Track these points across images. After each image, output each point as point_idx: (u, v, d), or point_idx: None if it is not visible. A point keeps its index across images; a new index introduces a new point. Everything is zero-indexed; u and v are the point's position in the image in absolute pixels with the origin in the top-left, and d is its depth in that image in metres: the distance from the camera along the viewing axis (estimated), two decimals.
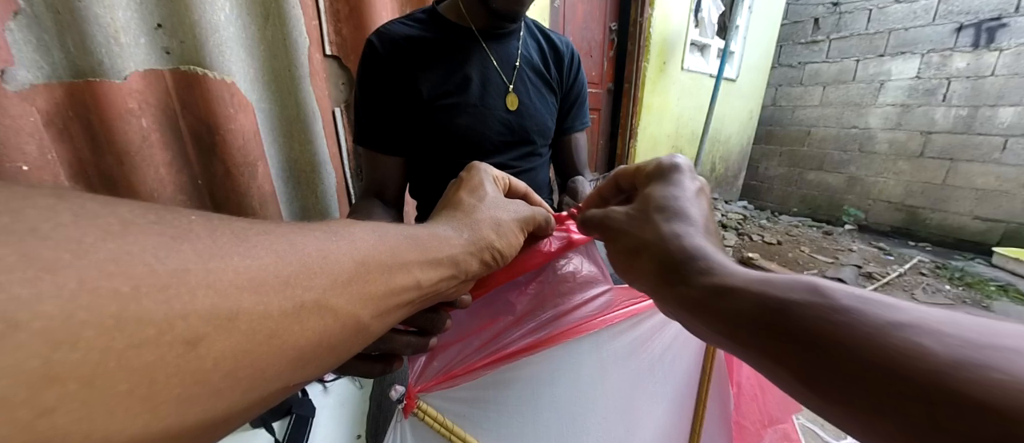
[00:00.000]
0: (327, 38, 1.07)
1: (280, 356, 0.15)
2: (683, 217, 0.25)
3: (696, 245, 0.23)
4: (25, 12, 0.71)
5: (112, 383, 0.10)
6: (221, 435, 0.14)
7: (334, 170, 1.16)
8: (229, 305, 0.13)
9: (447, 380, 0.34)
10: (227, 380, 0.13)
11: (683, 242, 0.23)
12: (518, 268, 0.33)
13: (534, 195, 0.34)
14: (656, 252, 0.24)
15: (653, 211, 0.26)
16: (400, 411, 0.34)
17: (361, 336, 0.19)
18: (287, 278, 0.15)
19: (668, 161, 0.28)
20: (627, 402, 0.44)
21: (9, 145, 0.70)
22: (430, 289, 0.22)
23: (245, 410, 0.14)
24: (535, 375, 0.38)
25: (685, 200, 0.26)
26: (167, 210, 0.13)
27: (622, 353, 0.42)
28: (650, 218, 0.25)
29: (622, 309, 0.41)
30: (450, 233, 0.24)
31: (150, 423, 0.11)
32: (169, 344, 0.11)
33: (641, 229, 0.25)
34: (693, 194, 0.26)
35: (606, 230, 0.29)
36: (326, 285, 0.16)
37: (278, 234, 0.16)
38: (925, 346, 0.14)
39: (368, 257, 0.19)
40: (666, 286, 0.23)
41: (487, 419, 0.36)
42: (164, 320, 0.11)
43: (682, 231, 0.24)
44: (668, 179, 0.27)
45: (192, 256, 0.12)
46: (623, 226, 0.27)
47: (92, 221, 0.11)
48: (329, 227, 0.18)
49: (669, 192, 0.26)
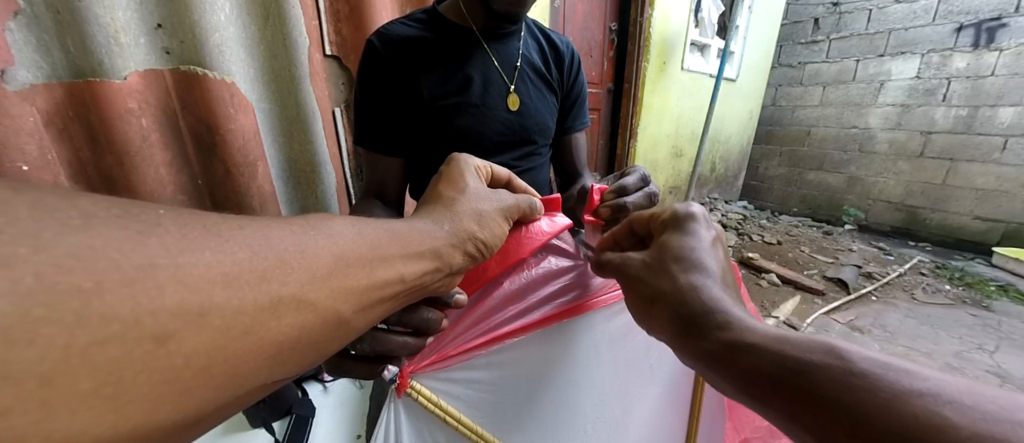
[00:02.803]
0: (327, 38, 1.07)
1: (256, 352, 0.14)
2: (700, 268, 0.25)
3: (714, 298, 0.23)
4: (25, 12, 0.71)
5: (73, 382, 0.10)
6: (197, 434, 0.14)
7: (334, 170, 1.16)
8: (200, 300, 0.12)
9: (440, 361, 0.34)
10: (199, 377, 0.13)
11: (701, 294, 0.24)
12: (510, 257, 0.33)
13: (517, 181, 0.34)
14: (673, 303, 0.24)
15: (670, 261, 0.26)
16: (393, 391, 0.34)
17: (342, 331, 0.18)
18: (262, 272, 0.15)
19: (683, 210, 0.28)
20: (623, 383, 0.44)
21: (9, 145, 0.70)
22: (414, 283, 0.22)
23: (221, 408, 0.14)
24: (528, 356, 0.38)
25: (702, 251, 0.26)
26: (133, 204, 0.13)
27: (616, 334, 0.42)
28: (667, 268, 0.26)
29: (615, 290, 0.41)
30: (430, 226, 0.24)
31: (117, 423, 0.11)
32: (136, 340, 0.11)
33: (658, 279, 0.26)
34: (709, 244, 0.27)
35: (623, 277, 0.29)
36: (304, 280, 0.16)
37: (253, 228, 0.15)
38: (945, 417, 0.14)
39: (347, 251, 0.18)
40: (683, 337, 0.24)
41: (481, 400, 0.36)
42: (130, 316, 0.11)
43: (699, 283, 0.24)
44: (684, 228, 0.27)
45: (160, 250, 0.12)
46: (640, 274, 0.27)
47: (50, 214, 0.11)
48: (306, 221, 0.18)
49: (685, 242, 0.26)
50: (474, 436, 0.35)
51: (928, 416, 0.14)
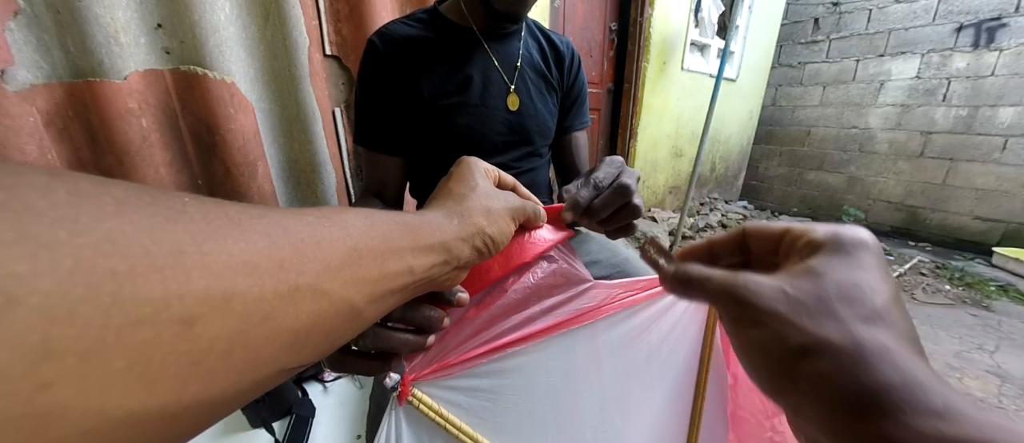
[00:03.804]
0: (327, 38, 1.07)
1: (275, 338, 0.15)
2: (889, 322, 0.17)
3: (918, 370, 0.15)
4: (25, 12, 0.71)
5: (109, 359, 0.10)
6: (217, 417, 0.14)
7: (334, 170, 1.16)
8: (224, 286, 0.13)
9: (442, 369, 0.35)
10: (223, 361, 0.13)
11: (897, 361, 0.15)
12: (512, 261, 0.33)
13: (522, 188, 0.34)
14: (850, 366, 0.16)
15: (838, 300, 0.17)
16: (394, 399, 0.34)
17: (355, 321, 0.19)
18: (281, 261, 0.15)
19: (853, 232, 0.19)
20: (624, 392, 0.44)
21: (9, 145, 0.70)
22: (423, 275, 0.22)
23: (241, 392, 0.14)
24: (530, 365, 0.38)
25: (888, 297, 0.18)
26: (161, 192, 0.13)
27: (618, 344, 0.42)
28: (834, 311, 0.17)
29: (616, 301, 0.41)
30: (441, 219, 0.25)
31: (146, 401, 0.11)
32: (165, 323, 0.11)
33: (818, 323, 0.17)
34: (894, 289, 0.18)
35: (740, 306, 0.19)
36: (319, 269, 0.16)
37: (271, 219, 0.16)
38: None
39: (360, 242, 0.19)
40: (860, 421, 0.15)
41: (482, 408, 0.37)
42: (160, 299, 0.11)
43: (892, 344, 0.16)
44: (855, 259, 0.18)
45: (187, 238, 0.13)
46: (780, 310, 0.18)
47: (87, 200, 0.11)
48: (321, 213, 0.19)
49: (863, 278, 0.18)
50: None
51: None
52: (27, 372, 0.09)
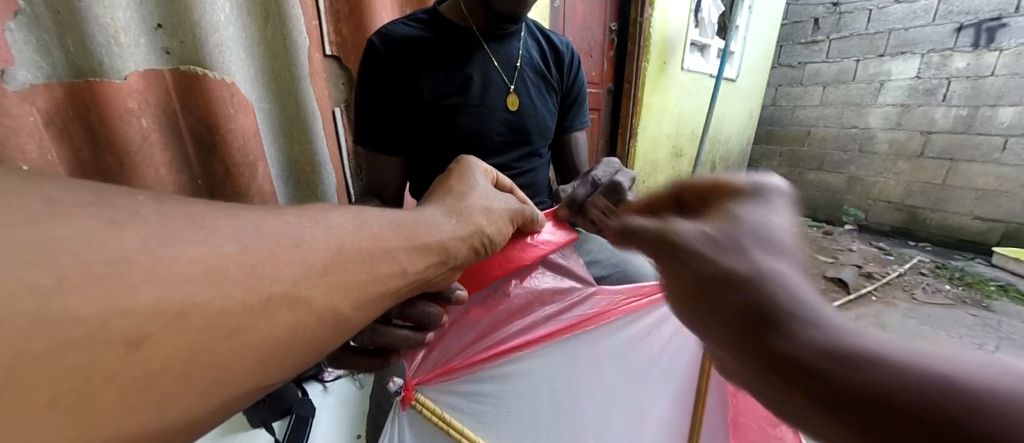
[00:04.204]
0: (327, 38, 1.07)
1: (244, 355, 0.13)
2: (788, 254, 0.19)
3: (806, 291, 0.18)
4: (25, 12, 0.71)
5: (28, 392, 0.09)
6: (190, 439, 0.13)
7: (334, 170, 1.16)
8: (179, 299, 0.11)
9: (445, 374, 0.35)
10: (179, 383, 0.11)
11: (790, 284, 0.18)
12: (508, 264, 0.33)
13: (520, 192, 0.34)
14: (749, 291, 0.18)
15: (745, 236, 0.20)
16: (398, 404, 0.34)
17: (340, 329, 0.17)
18: (252, 268, 0.13)
19: (768, 180, 0.22)
20: (626, 399, 0.44)
21: (9, 145, 0.70)
22: (417, 277, 0.21)
23: (211, 413, 0.13)
24: (531, 370, 0.38)
25: (789, 233, 0.20)
26: (110, 190, 0.12)
27: (619, 350, 0.42)
28: (741, 245, 0.19)
29: (617, 307, 0.41)
30: (439, 218, 0.24)
31: (81, 436, 0.10)
32: (104, 345, 0.10)
33: (727, 256, 0.19)
34: (796, 228, 0.21)
35: (666, 249, 0.21)
36: (298, 276, 0.15)
37: (243, 219, 0.14)
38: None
39: (346, 244, 0.17)
40: (755, 336, 0.17)
41: (484, 413, 0.37)
42: (96, 318, 0.10)
43: (789, 272, 0.18)
44: (769, 202, 0.21)
45: (136, 243, 0.11)
46: (698, 248, 0.20)
47: (7, 199, 0.09)
48: (303, 212, 0.17)
49: (770, 218, 0.20)
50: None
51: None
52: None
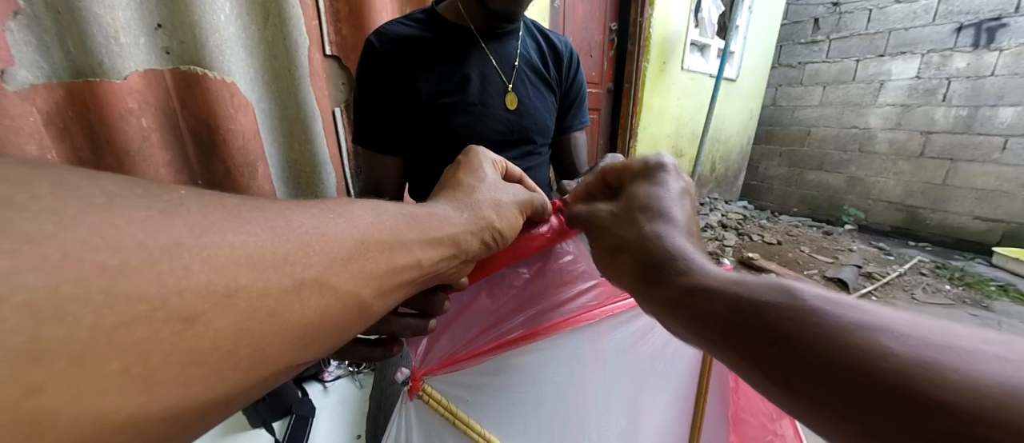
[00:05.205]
0: (327, 38, 1.07)
1: (281, 335, 0.14)
2: (665, 217, 0.25)
3: (676, 246, 0.23)
4: (25, 12, 0.71)
5: (102, 362, 0.10)
6: (222, 417, 0.14)
7: (334, 170, 1.16)
8: (226, 281, 0.12)
9: (451, 364, 0.35)
10: (228, 359, 0.12)
11: (664, 243, 0.24)
12: (516, 253, 0.33)
13: (529, 181, 0.34)
14: (637, 252, 0.24)
15: (636, 210, 0.26)
16: (405, 393, 0.34)
17: (363, 315, 0.18)
18: (285, 255, 0.14)
19: (654, 159, 0.28)
20: (628, 393, 0.44)
21: (9, 145, 0.70)
22: (431, 268, 0.22)
23: (247, 391, 0.14)
24: (535, 363, 0.38)
25: (669, 200, 0.26)
26: (155, 184, 0.13)
27: (622, 345, 0.42)
28: (633, 217, 0.25)
29: (621, 300, 0.41)
30: (450, 212, 0.24)
31: (147, 404, 0.11)
32: (163, 321, 0.11)
33: (623, 228, 0.26)
34: (677, 194, 0.26)
35: (590, 227, 0.29)
36: (326, 263, 0.16)
37: (273, 211, 0.15)
38: (886, 346, 0.15)
39: (367, 235, 0.18)
40: (644, 285, 0.24)
41: (490, 405, 0.37)
42: (157, 296, 0.11)
43: (663, 232, 0.24)
44: (653, 178, 0.27)
45: (184, 231, 0.12)
46: (606, 224, 0.27)
47: (72, 192, 0.10)
48: (326, 205, 0.18)
49: (653, 191, 0.26)
50: (482, 440, 0.36)
51: (871, 345, 0.15)
52: (14, 376, 0.08)
